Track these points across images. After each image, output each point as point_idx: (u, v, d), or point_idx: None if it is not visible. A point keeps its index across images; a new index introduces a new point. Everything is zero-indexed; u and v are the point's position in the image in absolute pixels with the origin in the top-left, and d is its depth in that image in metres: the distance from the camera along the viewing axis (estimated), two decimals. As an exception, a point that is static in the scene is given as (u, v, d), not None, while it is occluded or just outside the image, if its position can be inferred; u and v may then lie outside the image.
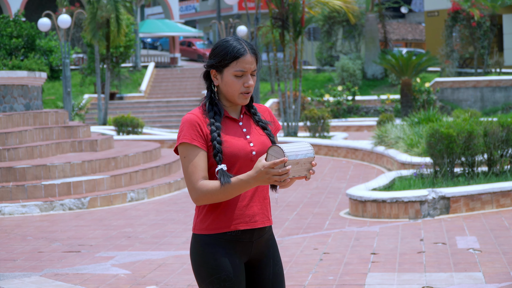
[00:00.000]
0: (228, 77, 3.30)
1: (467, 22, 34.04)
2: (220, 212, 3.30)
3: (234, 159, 3.27)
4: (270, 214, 3.43)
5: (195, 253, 3.33)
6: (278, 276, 3.46)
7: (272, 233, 3.48)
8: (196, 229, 3.36)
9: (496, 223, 9.03)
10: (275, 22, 22.12)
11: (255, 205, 3.35)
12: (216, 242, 3.30)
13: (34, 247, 8.64)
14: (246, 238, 3.34)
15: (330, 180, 13.85)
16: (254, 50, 3.33)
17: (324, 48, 38.96)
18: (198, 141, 3.25)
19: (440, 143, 10.42)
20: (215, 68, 3.32)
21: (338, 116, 30.76)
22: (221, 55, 3.29)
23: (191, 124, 3.27)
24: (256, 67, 3.33)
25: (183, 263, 7.56)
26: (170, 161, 14.34)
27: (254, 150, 3.31)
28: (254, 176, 3.13)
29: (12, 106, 14.07)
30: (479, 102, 30.58)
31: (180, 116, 32.46)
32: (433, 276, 6.73)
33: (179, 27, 45.29)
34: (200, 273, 3.32)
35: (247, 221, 3.32)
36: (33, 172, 11.76)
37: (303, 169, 3.14)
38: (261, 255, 3.41)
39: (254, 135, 3.36)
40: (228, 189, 3.18)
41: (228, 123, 3.34)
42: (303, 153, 3.12)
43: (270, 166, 3.07)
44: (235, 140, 3.30)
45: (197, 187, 3.23)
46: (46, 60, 34.51)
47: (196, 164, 3.24)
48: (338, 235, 8.77)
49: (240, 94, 3.31)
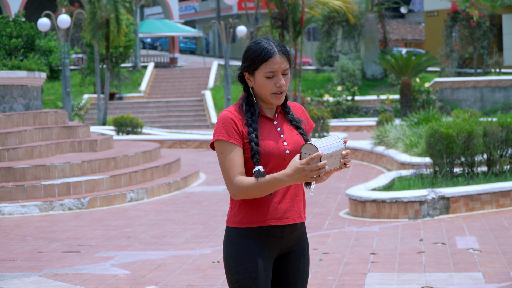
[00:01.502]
0: (259, 79, 3.37)
1: (467, 22, 34.05)
2: (252, 207, 3.38)
3: (268, 158, 3.35)
4: (303, 211, 3.51)
5: (227, 244, 3.43)
6: (304, 273, 3.53)
7: (304, 230, 3.55)
8: (229, 222, 3.45)
9: (495, 223, 9.03)
10: (275, 22, 22.14)
11: (287, 201, 3.43)
12: (248, 235, 3.38)
13: (34, 247, 8.64)
14: (277, 233, 3.42)
15: (329, 180, 13.85)
16: (285, 49, 3.40)
17: (324, 48, 38.95)
18: (234, 138, 3.34)
19: (439, 143, 10.42)
20: (247, 71, 3.40)
21: (337, 116, 30.77)
22: (251, 59, 3.37)
23: (227, 121, 3.35)
24: (287, 66, 3.39)
25: (182, 263, 7.56)
26: (170, 161, 14.34)
27: (287, 149, 3.39)
28: (290, 174, 3.20)
29: (12, 106, 14.07)
30: (478, 102, 30.59)
31: (180, 116, 32.47)
32: (433, 276, 6.73)
33: (179, 27, 45.28)
34: (229, 263, 3.41)
35: (278, 218, 3.40)
36: (33, 172, 11.76)
37: (337, 161, 3.23)
38: (291, 249, 3.49)
39: (288, 134, 3.43)
40: (262, 186, 3.26)
41: (263, 122, 3.42)
42: (335, 146, 3.21)
43: (306, 162, 3.15)
44: (270, 139, 3.38)
45: (234, 182, 3.31)
46: (45, 60, 34.51)
47: (233, 160, 3.33)
48: (338, 235, 8.77)
49: (272, 94, 3.38)
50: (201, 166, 16.60)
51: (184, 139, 22.57)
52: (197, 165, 16.06)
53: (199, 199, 12.24)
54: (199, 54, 58.90)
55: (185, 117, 32.51)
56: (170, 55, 45.20)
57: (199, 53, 59.32)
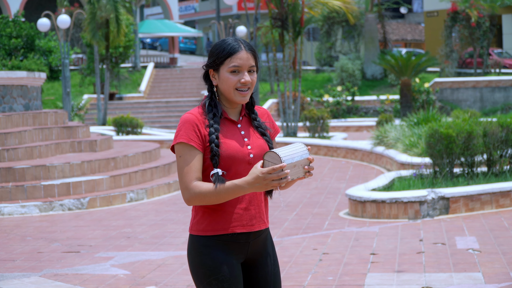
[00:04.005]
0: (223, 74, 3.27)
1: (467, 23, 34.05)
2: (217, 214, 3.29)
3: (230, 161, 3.25)
4: (267, 217, 3.41)
5: (192, 254, 3.33)
6: (275, 276, 3.45)
7: (269, 233, 3.47)
8: (193, 230, 3.35)
9: (495, 223, 9.03)
10: (275, 22, 22.12)
11: (252, 208, 3.33)
12: (213, 243, 3.29)
13: (34, 248, 8.64)
14: (243, 239, 3.34)
15: (329, 181, 13.85)
16: (251, 47, 3.31)
17: (324, 49, 38.95)
18: (195, 142, 3.24)
19: (439, 143, 10.42)
20: (212, 67, 3.31)
21: (337, 117, 30.77)
22: (215, 54, 3.29)
23: (189, 124, 3.25)
24: (253, 64, 3.29)
25: (182, 264, 7.56)
26: (170, 161, 14.34)
27: (251, 153, 3.29)
28: (251, 182, 3.11)
29: (12, 107, 14.07)
30: (478, 102, 30.59)
31: (179, 117, 32.45)
32: (433, 276, 6.73)
33: (179, 27, 45.28)
34: (198, 274, 3.31)
35: (244, 224, 3.31)
36: (33, 173, 11.76)
37: (300, 171, 3.14)
38: (257, 255, 3.41)
39: (252, 138, 3.34)
40: (221, 192, 3.17)
41: (226, 125, 3.32)
42: (299, 155, 3.12)
43: (268, 171, 3.06)
44: (233, 142, 3.28)
45: (190, 187, 3.21)
46: (45, 61, 34.50)
47: (191, 165, 3.22)
48: (338, 236, 8.77)
49: (235, 90, 3.27)
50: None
51: (184, 139, 22.52)
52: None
53: (199, 199, 12.22)
54: (199, 54, 58.90)
55: (185, 117, 32.49)
56: (170, 55, 45.20)
57: (199, 53, 59.32)
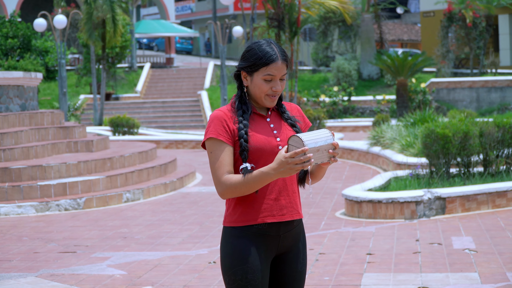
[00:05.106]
0: (257, 80, 3.37)
1: (463, 23, 34.09)
2: (248, 205, 3.37)
3: (259, 153, 3.33)
4: (300, 208, 3.47)
5: (224, 245, 3.42)
6: (301, 275, 3.51)
7: (302, 228, 3.52)
8: (226, 222, 3.44)
9: (491, 223, 9.04)
10: (271, 22, 22.14)
11: (283, 198, 3.40)
12: (244, 234, 3.37)
13: (30, 248, 8.63)
14: (273, 232, 3.39)
15: (325, 181, 13.85)
16: (285, 56, 3.39)
17: (320, 49, 38.95)
18: (224, 136, 3.33)
19: (435, 143, 10.44)
20: (246, 70, 3.40)
21: (334, 117, 30.78)
22: (252, 60, 3.37)
23: (217, 120, 3.36)
24: (285, 72, 3.40)
25: (178, 264, 7.56)
26: (166, 161, 14.33)
27: (280, 145, 3.37)
28: (275, 167, 3.18)
29: (8, 107, 14.05)
30: (474, 103, 30.62)
31: (176, 117, 32.46)
32: (429, 276, 6.74)
33: (175, 27, 45.26)
34: (225, 263, 3.39)
35: (274, 214, 3.38)
36: (29, 173, 11.75)
37: (325, 156, 3.19)
38: (288, 250, 3.47)
39: (282, 130, 3.42)
40: (249, 181, 3.25)
41: (255, 120, 3.41)
42: (323, 140, 3.17)
43: (290, 156, 3.12)
44: (261, 134, 3.37)
45: (222, 181, 3.30)
46: (42, 61, 34.48)
47: (221, 159, 3.32)
48: (334, 236, 8.78)
49: (266, 95, 3.38)
50: (197, 167, 16.60)
51: (180, 140, 22.56)
52: (193, 165, 16.06)
53: (195, 199, 12.24)
54: (195, 54, 58.88)
55: (181, 117, 32.50)
56: (166, 56, 45.17)
57: (195, 54, 59.30)
